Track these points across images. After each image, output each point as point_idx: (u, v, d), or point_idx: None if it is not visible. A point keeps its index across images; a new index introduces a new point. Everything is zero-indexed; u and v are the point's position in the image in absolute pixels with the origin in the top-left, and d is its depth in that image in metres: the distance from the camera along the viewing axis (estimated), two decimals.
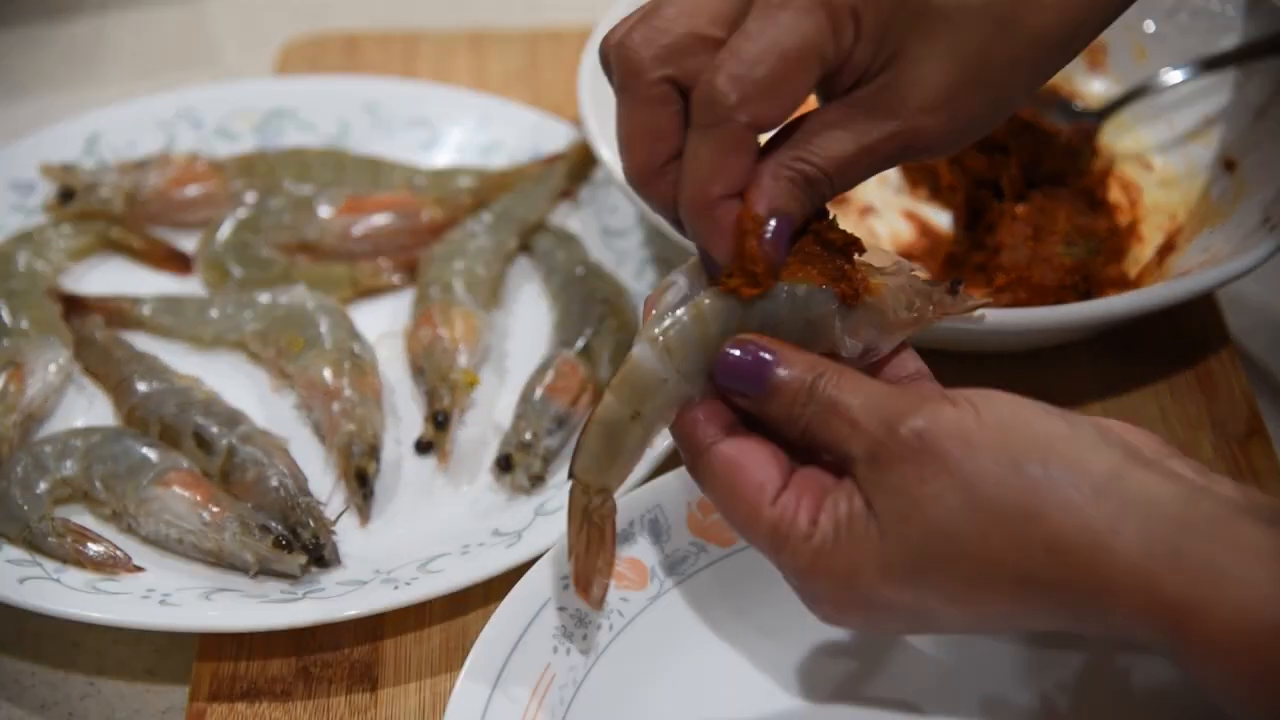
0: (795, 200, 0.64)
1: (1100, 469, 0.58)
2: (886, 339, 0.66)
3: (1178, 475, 0.59)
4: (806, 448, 0.63)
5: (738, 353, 0.63)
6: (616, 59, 0.64)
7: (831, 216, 0.66)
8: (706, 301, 0.64)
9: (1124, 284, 0.92)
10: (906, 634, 0.71)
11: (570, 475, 0.67)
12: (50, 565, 0.80)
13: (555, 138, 1.03)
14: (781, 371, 0.62)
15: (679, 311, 0.64)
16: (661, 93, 0.64)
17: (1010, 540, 0.58)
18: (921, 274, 0.67)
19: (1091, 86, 1.04)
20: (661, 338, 0.64)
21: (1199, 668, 0.57)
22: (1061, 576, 0.58)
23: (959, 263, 0.95)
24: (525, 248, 0.99)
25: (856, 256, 0.66)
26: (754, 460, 0.63)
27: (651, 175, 0.65)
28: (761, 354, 0.63)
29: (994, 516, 0.58)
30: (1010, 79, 0.66)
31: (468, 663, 0.70)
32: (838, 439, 0.61)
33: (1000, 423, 0.59)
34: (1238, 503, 0.58)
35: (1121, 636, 0.59)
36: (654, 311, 0.65)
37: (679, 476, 0.76)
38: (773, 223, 0.63)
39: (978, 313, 0.69)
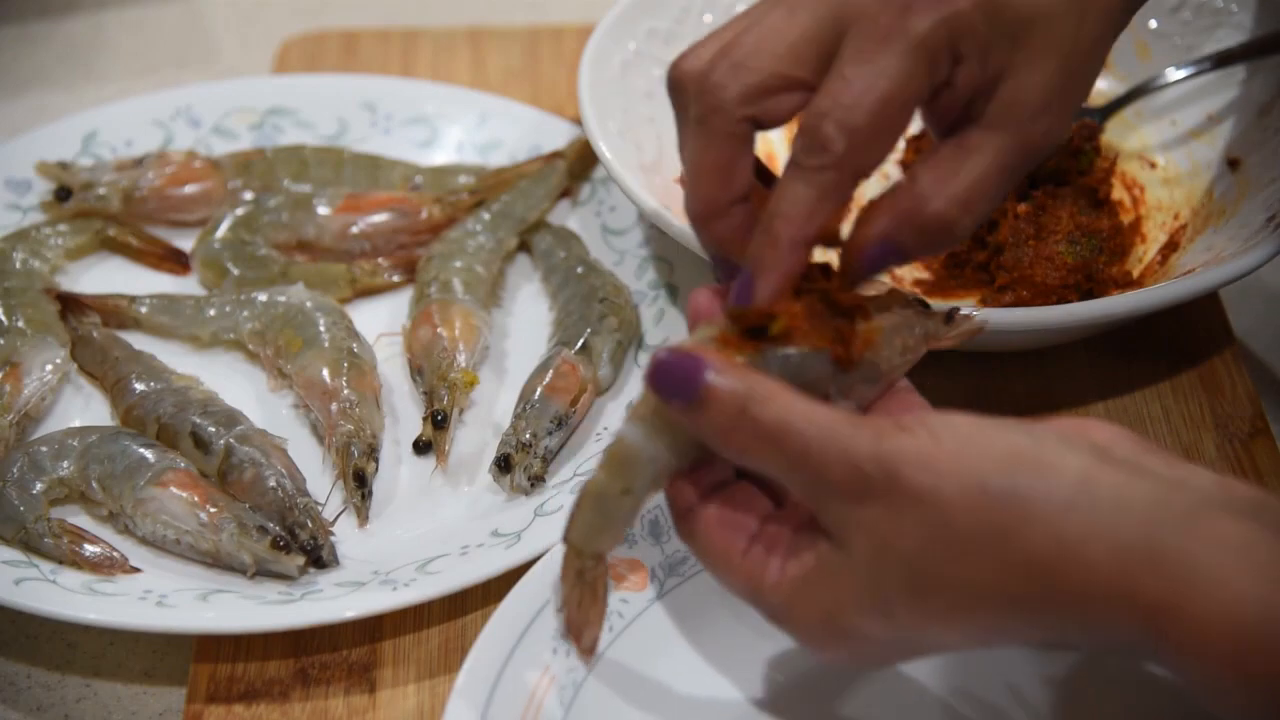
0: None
1: (1068, 477, 0.58)
2: (880, 388, 0.66)
3: (1149, 472, 0.59)
4: (761, 477, 0.63)
5: (667, 353, 0.62)
6: (698, 92, 0.65)
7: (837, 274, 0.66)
8: None
9: (1127, 283, 0.92)
10: (897, 663, 0.69)
11: (564, 541, 0.68)
12: (46, 566, 0.80)
13: (555, 136, 1.03)
14: (711, 375, 0.61)
15: None
16: (742, 131, 0.65)
17: (986, 563, 0.58)
18: (912, 306, 0.67)
19: (1095, 84, 1.04)
20: (652, 417, 0.64)
21: (1182, 668, 0.56)
22: (1041, 592, 0.57)
23: (961, 262, 0.95)
24: (525, 246, 0.99)
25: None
26: (726, 519, 0.64)
27: (717, 212, 0.66)
28: (693, 357, 0.62)
29: (967, 543, 0.58)
30: (1096, 59, 0.69)
31: (466, 664, 0.70)
32: (789, 473, 0.61)
33: (960, 445, 0.59)
34: (1212, 497, 0.58)
35: (1107, 645, 0.59)
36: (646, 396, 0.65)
37: None
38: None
39: (978, 319, 0.69)
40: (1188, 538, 0.56)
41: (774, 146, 1.02)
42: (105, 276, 0.97)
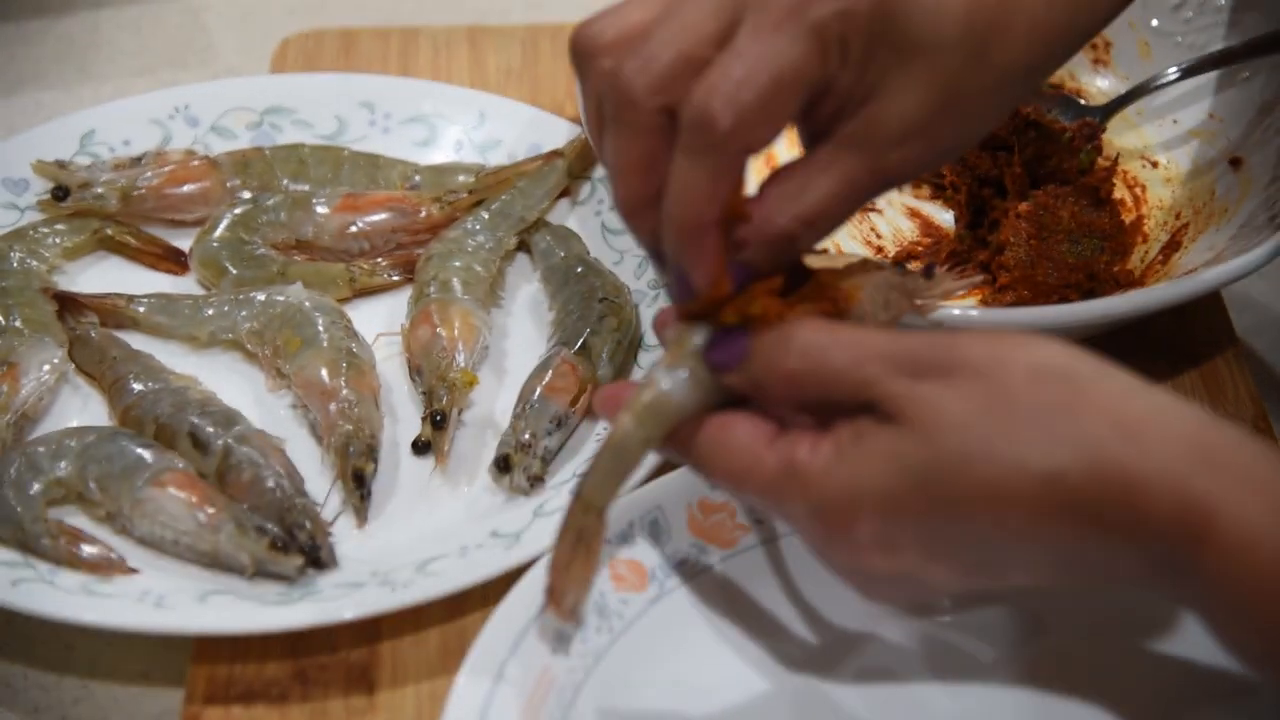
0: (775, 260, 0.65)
1: (1125, 379, 0.59)
2: None
3: (1194, 404, 0.59)
4: (822, 410, 0.62)
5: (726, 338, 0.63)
6: (609, 89, 0.64)
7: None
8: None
9: (1128, 282, 0.92)
10: (917, 569, 0.63)
11: (576, 495, 0.67)
12: (44, 567, 0.80)
13: (554, 134, 1.02)
14: (754, 339, 0.63)
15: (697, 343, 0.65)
16: (657, 123, 0.63)
17: (1037, 435, 0.57)
18: (887, 268, 0.67)
19: (1096, 83, 1.04)
20: (691, 367, 0.64)
21: (1208, 584, 0.56)
22: (1090, 471, 0.57)
23: (962, 261, 0.95)
24: (524, 246, 0.99)
25: (817, 265, 0.66)
26: (743, 419, 0.63)
27: (644, 206, 0.65)
28: (738, 332, 0.63)
29: (1024, 416, 0.57)
30: (981, 108, 0.66)
31: (465, 665, 0.70)
32: (852, 368, 0.60)
33: (1023, 339, 0.59)
34: (1246, 434, 0.58)
35: (1139, 557, 0.57)
36: (677, 344, 0.65)
37: (679, 477, 0.76)
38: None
39: (961, 280, 0.68)
40: (1238, 451, 0.57)
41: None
42: (103, 276, 0.97)
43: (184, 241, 0.98)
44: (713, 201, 0.62)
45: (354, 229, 0.98)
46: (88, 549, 0.80)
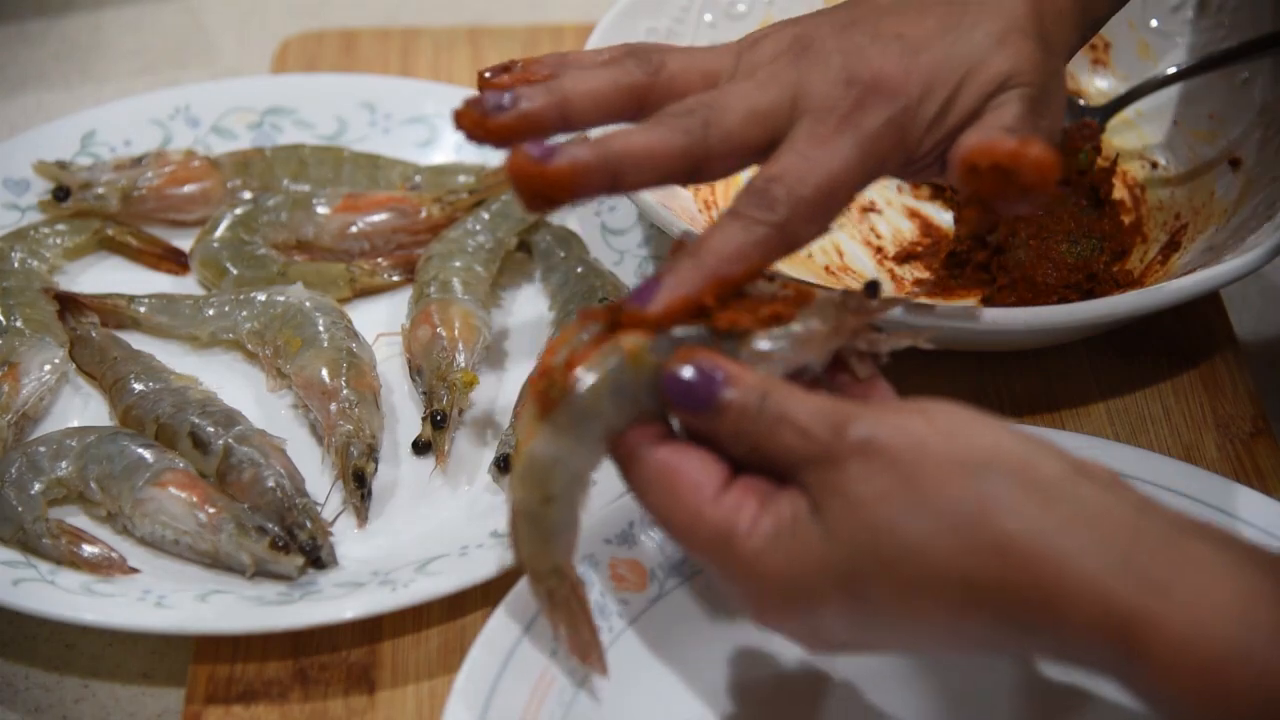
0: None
1: (1051, 476, 0.58)
2: (804, 355, 0.65)
3: (1127, 490, 0.59)
4: (754, 463, 0.63)
5: (688, 373, 0.63)
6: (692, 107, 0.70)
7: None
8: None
9: (1128, 282, 0.92)
10: (846, 646, 0.66)
11: (519, 567, 0.68)
12: (45, 567, 0.80)
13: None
14: (730, 393, 0.62)
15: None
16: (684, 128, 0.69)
17: (958, 542, 0.57)
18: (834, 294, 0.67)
19: (1096, 83, 1.04)
20: (544, 420, 0.64)
21: (1145, 684, 0.56)
22: (1011, 580, 0.57)
23: (961, 261, 0.95)
24: (524, 246, 0.99)
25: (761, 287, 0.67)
26: (691, 463, 0.63)
27: (568, 106, 0.70)
28: (713, 374, 0.63)
29: (942, 517, 0.57)
30: (1059, 95, 0.75)
31: (466, 665, 0.70)
32: (786, 448, 0.61)
33: (950, 429, 0.59)
34: (1183, 522, 0.58)
35: (1069, 653, 0.58)
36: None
37: None
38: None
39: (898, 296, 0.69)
40: (1164, 553, 0.56)
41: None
42: (104, 276, 0.97)
43: (184, 242, 0.99)
44: (739, 263, 0.66)
45: (354, 229, 0.98)
46: (88, 549, 0.80)
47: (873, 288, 0.66)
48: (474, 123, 0.70)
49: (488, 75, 0.74)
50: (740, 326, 0.64)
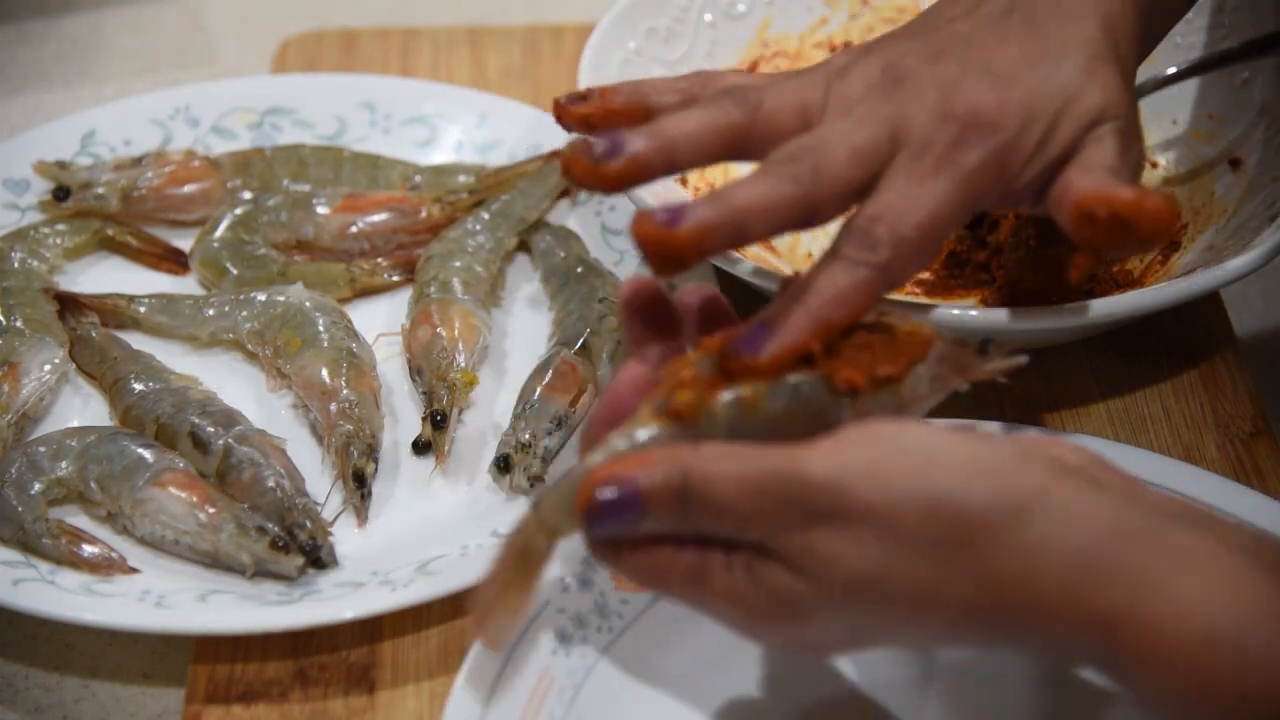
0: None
1: (1024, 491, 0.58)
2: (908, 413, 0.65)
3: (1104, 484, 0.59)
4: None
5: (609, 494, 0.61)
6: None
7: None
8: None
9: (1128, 282, 0.92)
10: (836, 651, 0.70)
11: (535, 507, 0.65)
12: (45, 567, 0.80)
13: (554, 135, 1.02)
14: (645, 496, 0.61)
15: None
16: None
17: (938, 574, 0.58)
18: (943, 337, 0.66)
19: None
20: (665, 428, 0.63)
21: (1132, 679, 0.56)
22: (992, 602, 0.58)
23: (961, 261, 0.95)
24: (524, 246, 0.99)
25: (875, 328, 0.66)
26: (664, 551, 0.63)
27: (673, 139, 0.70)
28: (622, 485, 0.61)
29: (918, 552, 0.58)
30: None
31: (466, 665, 0.70)
32: (738, 534, 0.60)
33: (911, 456, 0.59)
34: (1165, 509, 0.58)
35: (1064, 654, 0.58)
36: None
37: None
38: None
39: (1018, 358, 0.68)
40: (1141, 549, 0.56)
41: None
42: (104, 276, 0.97)
43: (184, 242, 0.99)
44: (841, 307, 0.65)
45: (354, 229, 0.98)
46: (88, 549, 0.80)
47: (985, 346, 0.66)
48: (586, 170, 0.68)
49: (565, 102, 0.75)
50: (855, 386, 0.63)
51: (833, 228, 0.99)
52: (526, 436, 0.85)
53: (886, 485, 0.58)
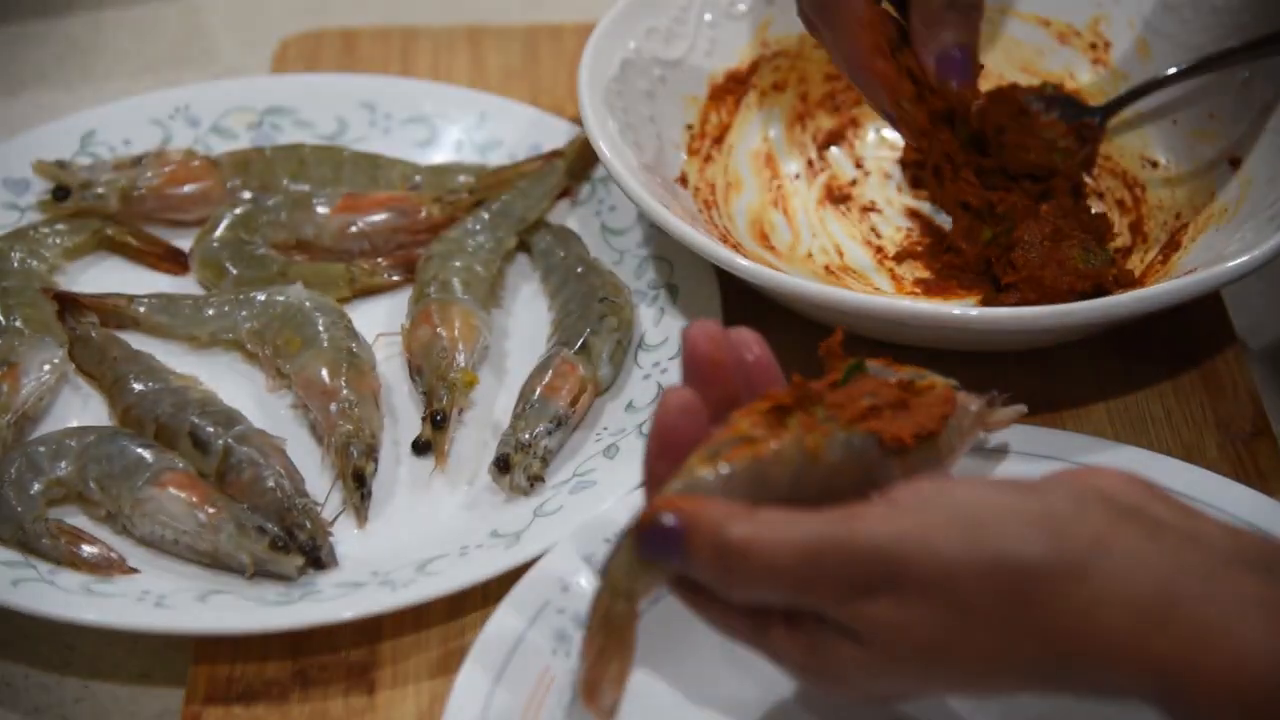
0: None
1: (1082, 542, 0.58)
2: (945, 466, 0.67)
3: (1163, 528, 0.59)
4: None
5: (667, 519, 0.61)
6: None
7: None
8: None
9: (1128, 282, 0.92)
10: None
11: (602, 575, 0.64)
12: (44, 567, 0.80)
13: (554, 135, 1.02)
14: (691, 536, 0.61)
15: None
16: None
17: (1002, 639, 0.58)
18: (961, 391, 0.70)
19: (1095, 84, 1.03)
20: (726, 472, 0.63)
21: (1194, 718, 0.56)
22: (1057, 658, 0.58)
23: (962, 264, 0.95)
24: (524, 246, 0.99)
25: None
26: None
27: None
28: (673, 520, 0.61)
29: (982, 620, 0.58)
30: None
31: (466, 665, 0.70)
32: (795, 602, 0.60)
33: (963, 519, 0.58)
34: (1225, 551, 0.58)
35: (1117, 696, 0.59)
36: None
37: None
38: None
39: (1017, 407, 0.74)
40: (1202, 595, 0.56)
41: (774, 147, 1.02)
42: (103, 276, 0.97)
43: (184, 241, 0.98)
44: None
45: (354, 229, 0.98)
46: (88, 549, 0.80)
47: (995, 397, 0.71)
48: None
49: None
50: (903, 443, 0.64)
51: (833, 227, 0.99)
52: (526, 436, 0.85)
53: (941, 556, 0.58)
